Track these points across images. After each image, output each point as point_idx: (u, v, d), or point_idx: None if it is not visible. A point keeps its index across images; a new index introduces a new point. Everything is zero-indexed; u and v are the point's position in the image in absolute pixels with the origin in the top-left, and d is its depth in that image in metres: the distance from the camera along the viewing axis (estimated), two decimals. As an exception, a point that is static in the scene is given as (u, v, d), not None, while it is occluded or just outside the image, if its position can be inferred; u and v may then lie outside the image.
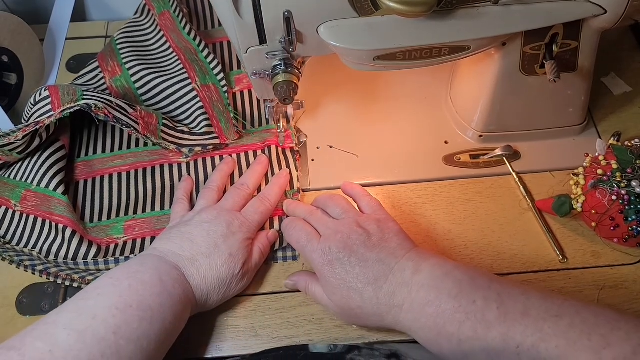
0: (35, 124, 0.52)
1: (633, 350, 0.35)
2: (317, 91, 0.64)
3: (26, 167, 0.56)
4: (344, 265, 0.45)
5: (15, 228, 0.55)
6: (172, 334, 0.44)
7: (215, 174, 0.56)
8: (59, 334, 0.38)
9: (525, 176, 0.57)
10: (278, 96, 0.49)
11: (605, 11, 0.47)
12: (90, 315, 0.40)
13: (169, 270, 0.45)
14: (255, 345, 0.49)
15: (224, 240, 0.48)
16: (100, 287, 0.42)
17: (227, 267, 0.47)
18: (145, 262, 0.45)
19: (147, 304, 0.42)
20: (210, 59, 0.64)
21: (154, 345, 0.41)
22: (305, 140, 0.61)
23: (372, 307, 0.43)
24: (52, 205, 0.54)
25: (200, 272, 0.46)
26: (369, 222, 0.47)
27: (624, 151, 0.51)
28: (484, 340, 0.39)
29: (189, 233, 0.48)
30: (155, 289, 0.43)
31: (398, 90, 0.64)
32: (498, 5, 0.45)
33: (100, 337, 0.38)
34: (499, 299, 0.40)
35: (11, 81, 0.64)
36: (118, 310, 0.40)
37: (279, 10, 0.43)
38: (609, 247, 0.52)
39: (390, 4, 0.40)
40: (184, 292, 0.45)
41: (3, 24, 0.62)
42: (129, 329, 0.40)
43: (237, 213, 0.51)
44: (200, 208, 0.52)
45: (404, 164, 0.59)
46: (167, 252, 0.47)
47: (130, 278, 0.43)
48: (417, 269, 0.43)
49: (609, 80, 0.64)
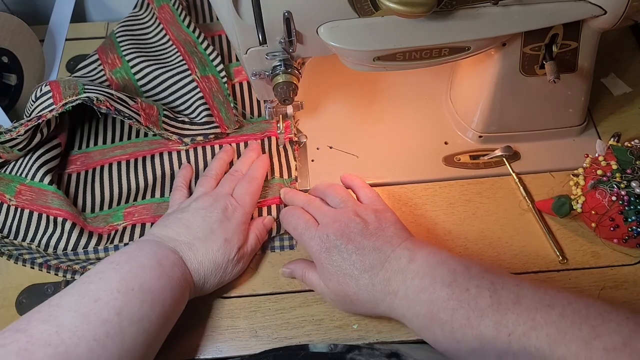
0: (37, 118, 0.52)
1: (623, 341, 0.35)
2: (317, 92, 0.64)
3: (21, 162, 0.57)
4: (341, 252, 0.46)
5: (11, 222, 0.55)
6: (172, 316, 0.45)
7: (214, 162, 0.58)
8: (64, 315, 0.39)
9: (525, 177, 0.57)
10: (278, 97, 0.49)
11: (605, 12, 0.47)
12: (93, 298, 0.40)
13: (168, 254, 0.46)
14: (255, 345, 0.49)
15: (220, 225, 0.49)
16: (102, 271, 0.43)
17: (223, 252, 0.48)
18: (144, 247, 0.46)
19: (147, 286, 0.42)
20: (210, 50, 0.65)
21: (155, 327, 0.42)
22: (305, 140, 0.61)
23: (367, 294, 0.44)
24: (49, 199, 0.55)
25: (197, 256, 0.47)
26: (367, 211, 0.48)
27: (623, 152, 0.51)
28: (477, 328, 0.39)
29: (186, 219, 0.49)
30: (154, 272, 0.43)
31: (398, 91, 0.64)
32: (498, 5, 0.45)
33: (103, 318, 0.39)
34: (492, 288, 0.41)
35: (11, 82, 0.64)
36: (120, 293, 0.41)
37: (279, 11, 0.43)
38: (609, 247, 0.52)
39: (390, 4, 0.40)
40: (182, 275, 0.46)
41: (3, 25, 0.62)
42: (131, 310, 0.41)
43: (231, 197, 0.52)
44: (198, 195, 0.53)
45: (403, 165, 0.59)
46: (164, 237, 0.48)
47: (130, 262, 0.44)
48: (412, 257, 0.44)
49: (608, 80, 0.64)
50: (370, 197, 0.52)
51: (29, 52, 0.66)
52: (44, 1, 0.75)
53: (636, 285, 0.50)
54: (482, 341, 0.39)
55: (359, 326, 0.49)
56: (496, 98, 0.55)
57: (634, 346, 0.35)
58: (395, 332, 0.49)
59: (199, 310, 0.51)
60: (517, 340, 0.38)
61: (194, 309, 0.50)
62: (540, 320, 0.38)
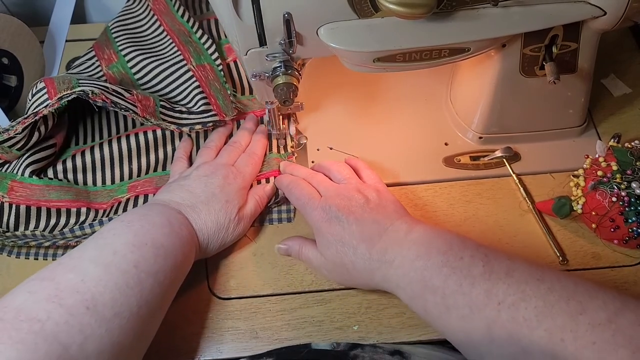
0: (34, 114, 0.52)
1: (608, 317, 0.36)
2: (317, 93, 0.64)
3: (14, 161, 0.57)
4: (341, 223, 0.47)
5: (8, 218, 0.55)
6: (182, 272, 0.47)
7: (213, 134, 0.60)
8: (87, 266, 0.41)
9: (525, 178, 0.57)
10: (278, 98, 0.49)
11: (604, 13, 0.47)
12: (111, 251, 0.42)
13: (175, 214, 0.48)
14: (256, 347, 0.49)
15: (221, 190, 0.51)
16: (114, 228, 0.45)
17: (224, 212, 0.50)
18: (152, 207, 0.48)
19: (159, 242, 0.44)
20: (204, 39, 0.65)
21: (169, 280, 0.44)
22: (305, 142, 0.61)
23: (363, 263, 0.46)
24: (46, 193, 0.55)
25: (201, 216, 0.49)
26: (369, 190, 0.50)
27: (624, 152, 0.51)
28: (468, 295, 0.40)
29: (188, 185, 0.51)
30: (165, 229, 0.45)
31: (398, 92, 0.64)
32: (498, 6, 0.45)
33: (123, 269, 0.41)
34: (485, 259, 0.42)
35: (11, 83, 0.64)
36: (135, 247, 0.43)
37: (279, 12, 0.43)
38: (609, 248, 0.52)
39: (389, 5, 0.40)
40: (189, 233, 0.48)
41: (3, 26, 0.62)
42: (147, 263, 0.43)
43: (231, 166, 0.54)
44: (198, 164, 0.55)
45: (403, 166, 0.59)
46: (169, 200, 0.50)
47: (141, 220, 0.46)
48: (410, 229, 0.46)
49: (608, 81, 0.64)
50: (373, 177, 0.53)
51: (29, 53, 0.66)
52: (44, 2, 0.75)
53: (636, 285, 0.50)
54: (472, 308, 0.40)
55: (359, 327, 0.49)
56: (496, 99, 0.55)
57: (618, 323, 0.36)
58: (396, 333, 0.49)
59: (199, 312, 0.51)
60: (506, 310, 0.39)
61: (195, 309, 0.50)
62: (530, 292, 0.39)
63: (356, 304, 0.51)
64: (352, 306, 0.50)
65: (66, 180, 0.57)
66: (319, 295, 0.51)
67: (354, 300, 0.51)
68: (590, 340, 0.35)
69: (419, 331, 0.49)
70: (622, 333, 0.35)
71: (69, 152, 0.60)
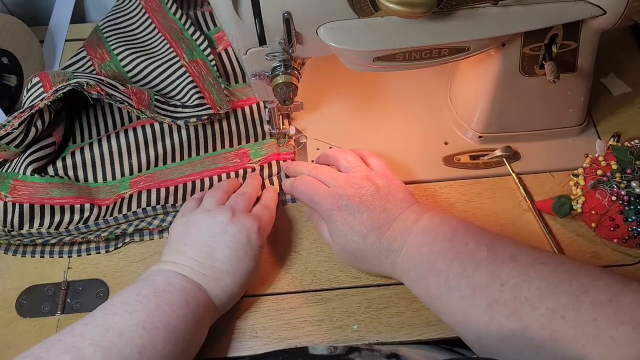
0: (30, 108, 0.52)
1: (609, 297, 0.37)
2: (317, 92, 0.64)
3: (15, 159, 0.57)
4: (352, 211, 0.47)
5: (12, 217, 0.55)
6: (192, 354, 0.45)
7: (225, 181, 0.57)
8: (86, 348, 0.38)
9: (525, 177, 0.57)
10: (278, 97, 0.49)
11: (604, 12, 0.47)
12: (117, 333, 0.39)
13: (196, 292, 0.45)
14: (255, 346, 0.49)
15: (245, 253, 0.48)
16: (127, 303, 0.42)
17: (250, 274, 0.48)
18: (172, 281, 0.45)
19: (173, 325, 0.42)
20: (197, 36, 0.65)
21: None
22: (305, 141, 0.61)
23: (373, 251, 0.46)
24: (49, 190, 0.55)
25: (226, 291, 0.47)
26: (378, 177, 0.50)
27: (623, 152, 0.51)
28: (471, 277, 0.42)
29: (206, 245, 0.47)
30: (181, 310, 0.43)
31: (398, 91, 0.64)
32: (498, 6, 0.45)
33: (125, 356, 0.39)
34: (490, 244, 0.43)
35: (11, 83, 0.64)
36: (145, 331, 0.40)
37: (279, 12, 0.43)
38: (609, 247, 0.52)
39: (389, 5, 0.40)
40: (207, 313, 0.45)
41: (3, 26, 0.62)
42: (154, 350, 0.40)
43: (250, 215, 0.50)
44: (210, 206, 0.51)
45: (403, 165, 0.59)
46: (189, 271, 0.46)
47: (157, 297, 0.43)
48: (418, 218, 0.47)
49: (608, 80, 0.64)
50: (380, 165, 0.53)
51: (29, 53, 0.66)
52: (43, 2, 0.75)
53: (636, 285, 0.50)
54: (474, 288, 0.41)
55: (358, 327, 0.49)
56: (496, 98, 0.55)
57: (619, 302, 0.36)
58: (395, 332, 0.49)
59: (199, 311, 0.50)
60: (508, 291, 0.40)
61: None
62: (533, 274, 0.40)
63: (356, 304, 0.51)
64: (352, 305, 0.50)
65: (67, 178, 0.58)
66: (319, 294, 0.51)
67: (354, 300, 0.51)
68: (592, 317, 0.36)
69: (419, 331, 0.49)
70: (623, 311, 0.36)
71: (68, 150, 0.60)
